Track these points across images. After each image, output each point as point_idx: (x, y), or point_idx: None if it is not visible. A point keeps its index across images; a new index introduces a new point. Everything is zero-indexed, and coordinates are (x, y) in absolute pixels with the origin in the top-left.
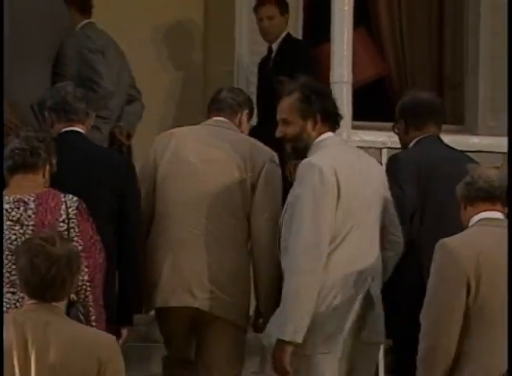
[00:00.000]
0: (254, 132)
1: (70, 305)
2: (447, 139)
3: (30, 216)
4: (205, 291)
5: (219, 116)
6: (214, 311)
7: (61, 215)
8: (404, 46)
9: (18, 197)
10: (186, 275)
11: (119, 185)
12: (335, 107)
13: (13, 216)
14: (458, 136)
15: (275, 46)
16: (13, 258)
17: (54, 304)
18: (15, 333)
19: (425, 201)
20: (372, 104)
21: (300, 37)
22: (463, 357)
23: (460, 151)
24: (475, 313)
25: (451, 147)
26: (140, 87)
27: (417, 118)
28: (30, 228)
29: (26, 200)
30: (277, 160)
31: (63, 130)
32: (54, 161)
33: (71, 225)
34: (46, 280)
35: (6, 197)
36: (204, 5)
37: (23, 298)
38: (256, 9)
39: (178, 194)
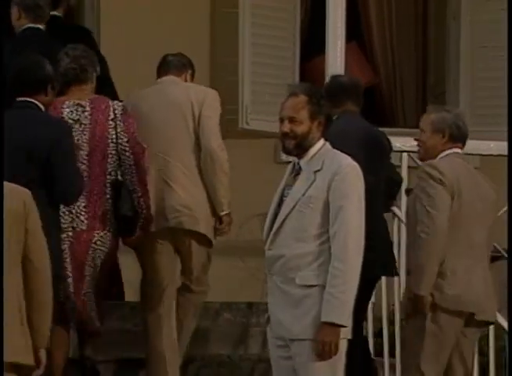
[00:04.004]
0: None
1: (120, 184)
2: None
3: (86, 117)
4: (175, 212)
5: (167, 76)
6: (184, 226)
7: (109, 116)
8: (393, 59)
9: (76, 102)
10: (161, 205)
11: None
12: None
13: (74, 117)
14: None
15: None
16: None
17: None
18: None
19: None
20: (363, 110)
21: (298, 50)
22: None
23: (371, 124)
24: (457, 219)
25: (365, 121)
26: None
27: (335, 98)
28: (88, 126)
29: (83, 104)
30: (217, 96)
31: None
32: (98, 68)
33: (118, 122)
34: None
35: (67, 102)
36: (210, 27)
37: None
38: None
39: (150, 144)
